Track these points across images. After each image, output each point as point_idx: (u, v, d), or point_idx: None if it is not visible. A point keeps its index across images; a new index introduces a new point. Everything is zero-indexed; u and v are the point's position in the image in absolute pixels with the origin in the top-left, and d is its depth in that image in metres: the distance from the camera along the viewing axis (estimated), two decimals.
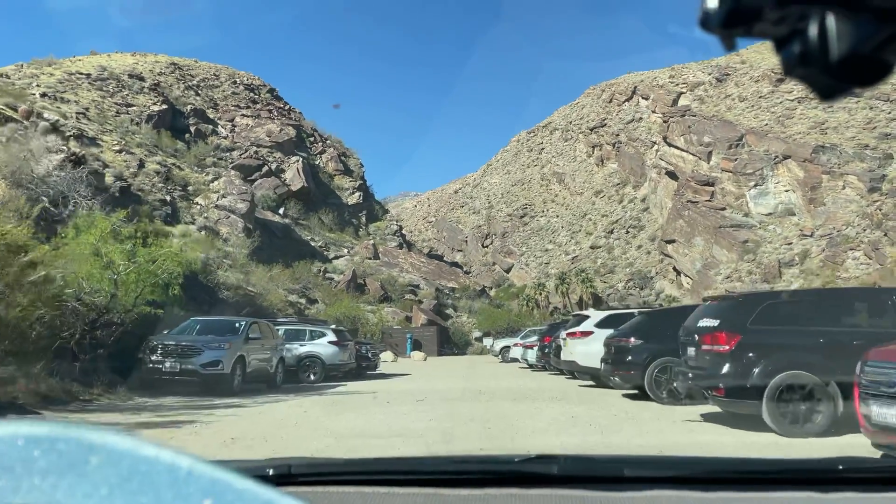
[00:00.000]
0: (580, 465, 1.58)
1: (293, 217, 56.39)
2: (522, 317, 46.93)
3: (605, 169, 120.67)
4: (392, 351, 35.31)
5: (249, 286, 32.69)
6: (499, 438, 7.87)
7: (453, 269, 65.29)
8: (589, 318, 14.47)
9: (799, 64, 0.52)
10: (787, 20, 0.52)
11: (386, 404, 11.84)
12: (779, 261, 72.20)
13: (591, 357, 12.90)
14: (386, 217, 74.29)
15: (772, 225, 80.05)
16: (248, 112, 75.31)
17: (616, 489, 1.46)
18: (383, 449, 6.86)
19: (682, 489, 1.45)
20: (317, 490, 1.47)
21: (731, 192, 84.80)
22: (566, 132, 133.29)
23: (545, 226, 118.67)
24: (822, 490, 1.43)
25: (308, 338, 17.18)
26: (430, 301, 47.44)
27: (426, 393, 13.06)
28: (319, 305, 39.77)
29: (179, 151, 52.93)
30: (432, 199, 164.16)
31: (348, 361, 17.01)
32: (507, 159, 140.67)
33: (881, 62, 0.50)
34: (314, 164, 72.42)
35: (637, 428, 9.01)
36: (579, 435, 8.34)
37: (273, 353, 14.65)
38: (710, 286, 77.70)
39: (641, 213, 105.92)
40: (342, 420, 10.18)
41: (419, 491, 1.47)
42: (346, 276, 46.12)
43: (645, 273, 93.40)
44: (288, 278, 38.65)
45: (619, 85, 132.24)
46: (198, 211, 42.98)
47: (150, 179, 42.84)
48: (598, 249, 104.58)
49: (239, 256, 37.76)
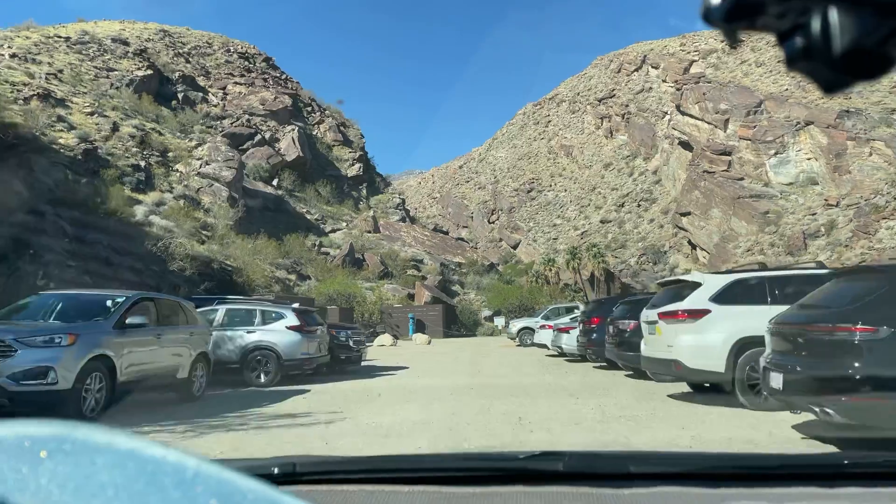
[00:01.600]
0: (585, 462, 1.54)
1: (287, 188, 51.64)
2: (535, 293, 42.22)
3: (615, 141, 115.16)
4: (391, 333, 30.71)
5: (228, 259, 28.08)
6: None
7: (459, 244, 60.48)
8: (699, 288, 8.34)
9: (802, 58, 0.52)
10: (789, 14, 0.51)
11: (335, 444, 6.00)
12: (803, 232, 67.23)
13: (711, 355, 7.75)
14: (388, 190, 69.43)
15: (794, 195, 74.91)
16: (242, 80, 70.19)
17: (621, 485, 1.43)
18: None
19: (687, 485, 1.42)
20: (321, 489, 1.45)
21: (750, 161, 79.52)
22: (573, 104, 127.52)
23: (553, 200, 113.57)
24: (827, 485, 1.42)
25: (258, 321, 12.03)
26: (435, 277, 42.75)
27: (423, 408, 8.38)
28: (312, 282, 35.18)
29: (163, 118, 48.04)
30: (437, 175, 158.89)
31: (317, 354, 11.97)
32: (513, 133, 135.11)
33: (884, 56, 0.50)
34: (311, 134, 67.49)
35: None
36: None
37: (187, 347, 9.56)
38: (729, 260, 72.83)
39: (653, 185, 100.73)
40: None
41: (424, 489, 1.44)
42: (343, 250, 41.44)
43: (658, 247, 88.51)
44: (276, 252, 34.00)
45: (627, 54, 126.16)
46: (177, 178, 38.25)
47: (123, 143, 38.09)
48: (608, 224, 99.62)
49: (220, 227, 33.08)
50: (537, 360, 17.24)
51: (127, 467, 0.49)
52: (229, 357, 11.61)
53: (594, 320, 13.50)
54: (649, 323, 9.18)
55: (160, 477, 0.49)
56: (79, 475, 0.48)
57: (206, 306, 12.38)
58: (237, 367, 11.61)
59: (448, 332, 34.92)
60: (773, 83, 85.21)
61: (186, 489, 0.48)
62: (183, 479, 0.49)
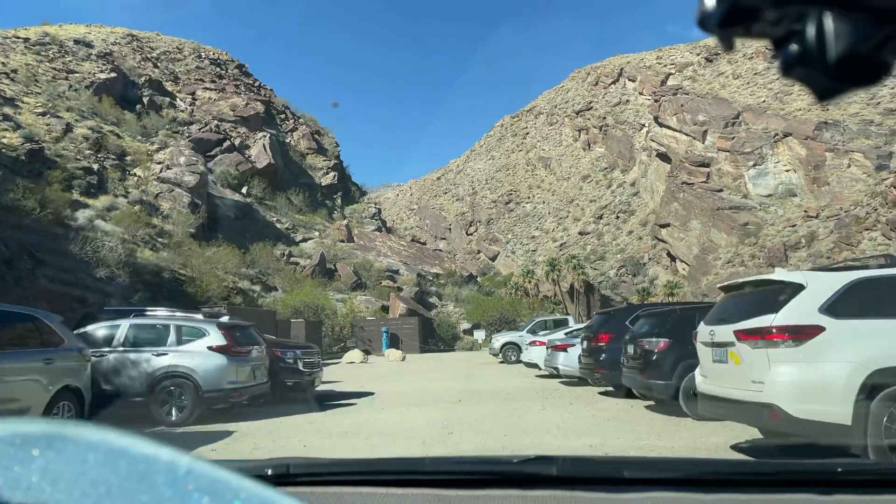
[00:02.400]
0: (579, 467, 1.53)
1: (257, 196, 48.91)
2: (515, 306, 39.98)
3: (592, 153, 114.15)
4: (362, 348, 28.11)
5: (182, 269, 25.37)
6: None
7: (437, 254, 58.13)
8: (802, 292, 5.32)
9: (797, 64, 0.51)
10: (784, 21, 0.51)
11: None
12: (784, 244, 66.10)
13: (829, 397, 4.88)
14: (363, 200, 66.89)
15: (773, 206, 74.02)
16: (212, 86, 67.42)
17: (615, 490, 1.42)
18: None
19: (681, 491, 1.42)
20: (315, 490, 1.44)
21: (729, 172, 78.62)
22: (551, 116, 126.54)
23: (531, 212, 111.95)
24: (822, 492, 1.40)
25: (171, 340, 9.18)
26: (412, 288, 40.30)
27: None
28: (279, 294, 32.48)
29: (124, 121, 45.10)
30: (415, 187, 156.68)
31: (250, 382, 9.22)
32: (492, 144, 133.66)
33: (879, 62, 0.49)
34: (284, 141, 64.86)
35: None
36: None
37: (40, 380, 6.84)
38: (710, 272, 71.55)
39: (631, 197, 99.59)
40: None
41: (418, 491, 1.43)
42: (314, 260, 38.80)
43: (637, 259, 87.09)
44: (239, 261, 31.29)
45: (604, 67, 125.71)
46: (134, 183, 35.41)
47: (76, 146, 35.22)
48: (587, 236, 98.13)
49: (178, 234, 30.36)
50: (528, 383, 14.72)
51: (119, 465, 0.48)
52: (131, 387, 8.79)
53: (603, 337, 10.98)
54: (717, 345, 6.18)
55: (152, 475, 0.48)
56: (71, 473, 0.47)
57: (122, 319, 9.81)
58: (143, 400, 8.78)
59: (425, 346, 32.39)
60: (751, 95, 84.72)
61: (178, 487, 0.47)
62: (175, 477, 0.48)
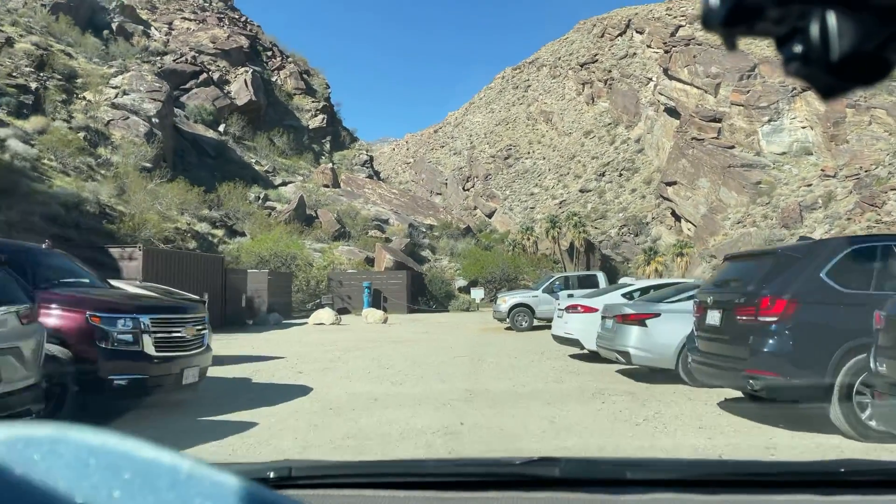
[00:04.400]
0: (582, 468, 1.51)
1: (234, 135, 43.45)
2: (517, 262, 35.22)
3: (596, 108, 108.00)
4: (340, 306, 23.32)
5: (119, 205, 20.36)
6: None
7: (431, 203, 52.98)
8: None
9: (800, 63, 0.50)
10: (788, 19, 0.50)
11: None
12: (799, 204, 61.27)
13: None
14: (354, 146, 61.33)
15: (787, 165, 68.91)
16: (192, 17, 60.97)
17: (618, 492, 1.39)
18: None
19: (684, 492, 1.39)
20: (317, 493, 1.41)
21: (742, 128, 73.18)
22: (554, 69, 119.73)
23: (531, 168, 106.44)
24: (824, 493, 1.38)
25: None
26: (402, 240, 35.41)
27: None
28: (246, 240, 27.52)
29: (84, 45, 39.23)
30: (411, 141, 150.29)
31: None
32: (491, 97, 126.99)
33: (883, 61, 0.48)
34: (269, 80, 58.86)
35: None
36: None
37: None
38: (717, 232, 66.90)
39: (635, 154, 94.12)
40: None
41: (420, 494, 1.41)
42: (292, 204, 33.73)
43: (640, 218, 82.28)
44: (199, 200, 26.25)
45: (611, 18, 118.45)
46: (81, 107, 29.96)
47: (13, 61, 29.64)
48: (588, 193, 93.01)
49: (128, 166, 25.26)
50: (568, 370, 10.00)
51: (121, 469, 0.48)
52: None
53: (772, 304, 5.46)
54: None
55: (154, 479, 0.47)
56: (72, 477, 0.47)
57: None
58: None
59: (414, 306, 27.66)
60: (768, 46, 77.49)
61: (180, 491, 0.47)
62: (177, 480, 0.47)
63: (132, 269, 14.04)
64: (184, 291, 15.88)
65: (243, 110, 48.71)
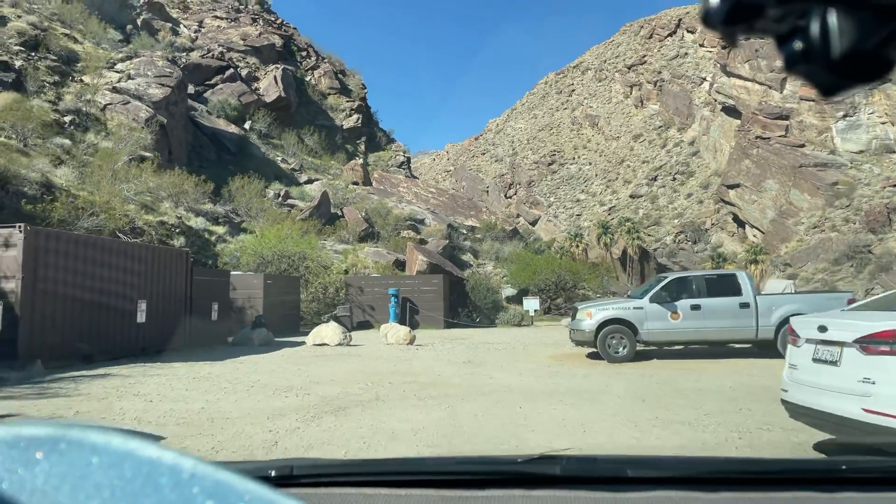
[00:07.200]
0: (583, 466, 1.48)
1: (260, 131, 39.16)
2: (577, 269, 29.70)
3: (645, 111, 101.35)
4: (358, 318, 18.19)
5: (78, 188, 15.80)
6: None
7: (472, 203, 47.61)
8: None
9: (801, 61, 0.49)
10: (788, 17, 0.49)
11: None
12: (886, 206, 53.74)
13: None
14: (391, 147, 56.64)
15: (866, 164, 61.23)
16: (224, 16, 57.63)
17: (619, 490, 1.37)
18: None
19: (686, 489, 1.37)
20: (319, 492, 1.39)
21: (813, 125, 65.80)
22: (600, 72, 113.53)
23: (576, 174, 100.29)
24: (826, 490, 1.37)
25: None
26: (439, 241, 30.27)
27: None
28: (249, 237, 22.75)
29: (96, 33, 35.54)
30: (451, 151, 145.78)
31: None
32: (534, 102, 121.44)
33: (883, 59, 0.48)
34: (302, 79, 54.82)
35: None
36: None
37: None
38: (790, 238, 59.60)
39: (690, 157, 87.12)
40: None
41: (421, 492, 1.38)
42: (314, 202, 28.99)
43: (698, 224, 75.22)
44: (199, 192, 21.66)
45: (659, 19, 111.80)
46: (77, 90, 25.85)
47: (2, 36, 25.85)
48: (639, 199, 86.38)
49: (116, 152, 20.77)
50: None
51: (123, 468, 0.47)
52: None
53: None
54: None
55: (156, 478, 0.47)
56: (75, 476, 0.46)
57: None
58: None
59: (453, 318, 22.27)
60: None
61: (182, 490, 0.46)
62: (179, 480, 0.47)
63: (6, 262, 9.25)
64: (110, 298, 11.03)
65: (271, 107, 44.62)
